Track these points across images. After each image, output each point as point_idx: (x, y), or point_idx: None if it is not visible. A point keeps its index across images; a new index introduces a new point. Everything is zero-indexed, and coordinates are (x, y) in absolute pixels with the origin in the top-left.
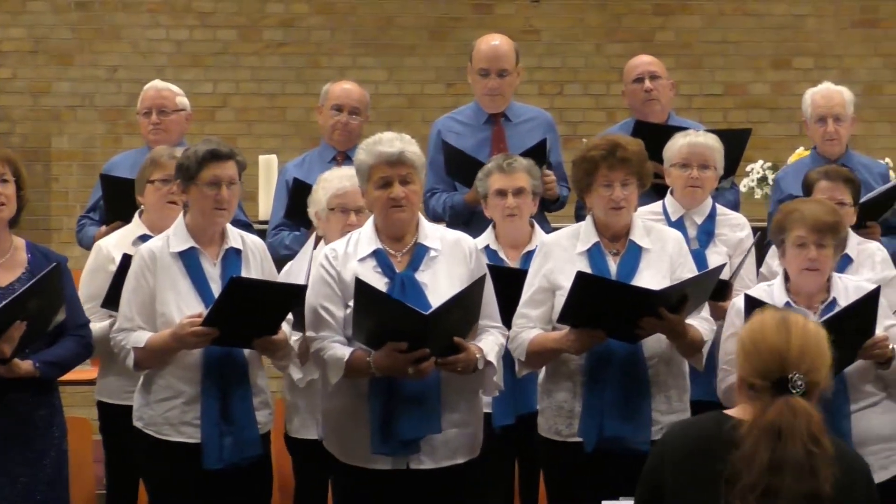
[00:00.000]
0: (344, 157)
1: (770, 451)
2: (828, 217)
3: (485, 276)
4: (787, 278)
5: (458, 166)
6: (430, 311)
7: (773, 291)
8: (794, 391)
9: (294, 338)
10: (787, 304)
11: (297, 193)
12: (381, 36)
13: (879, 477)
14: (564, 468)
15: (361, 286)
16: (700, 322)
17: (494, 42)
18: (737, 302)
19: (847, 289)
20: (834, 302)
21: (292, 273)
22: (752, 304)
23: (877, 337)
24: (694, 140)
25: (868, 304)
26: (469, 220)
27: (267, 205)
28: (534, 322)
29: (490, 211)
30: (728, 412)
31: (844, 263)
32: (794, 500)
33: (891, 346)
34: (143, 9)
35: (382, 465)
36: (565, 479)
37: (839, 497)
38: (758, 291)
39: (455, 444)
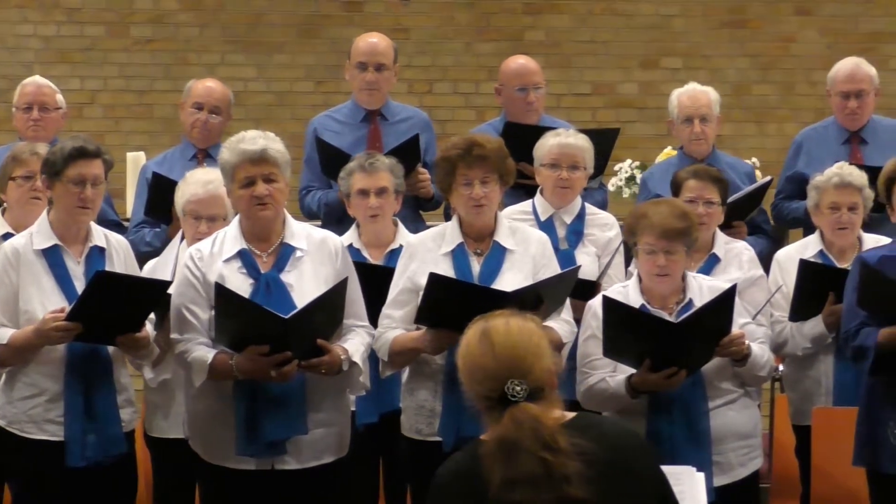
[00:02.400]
0: (204, 156)
1: (503, 468)
2: (676, 223)
3: (347, 278)
4: (641, 279)
5: (334, 163)
6: (290, 314)
7: (628, 293)
8: (514, 398)
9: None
10: (643, 305)
11: (156, 189)
12: (251, 33)
13: (739, 474)
14: (426, 467)
15: (221, 290)
16: (560, 324)
17: (373, 38)
18: (593, 303)
19: (702, 288)
20: (690, 302)
21: (157, 270)
22: (609, 305)
23: (733, 335)
24: (564, 140)
25: (724, 303)
26: (343, 217)
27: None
28: (397, 322)
29: (353, 210)
30: (484, 437)
31: (712, 263)
32: None
33: (747, 344)
34: (11, 4)
35: (247, 466)
36: (426, 477)
37: (602, 487)
38: (614, 292)
39: (321, 444)
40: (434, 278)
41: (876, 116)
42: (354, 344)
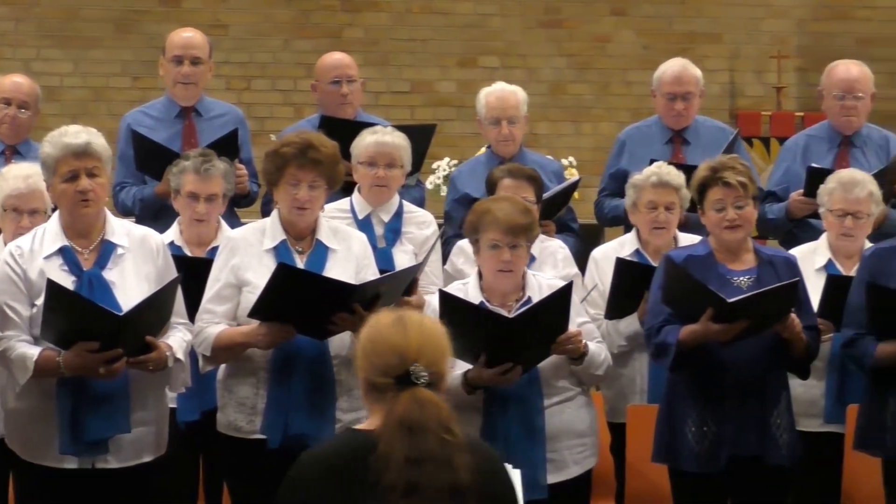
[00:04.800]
0: (13, 152)
1: (406, 447)
2: (521, 218)
3: (179, 276)
4: (481, 276)
5: (150, 158)
6: (126, 311)
7: (468, 289)
8: (418, 382)
9: None
10: (482, 302)
11: None
12: (66, 28)
13: (573, 472)
14: (245, 465)
15: (53, 286)
16: None
17: (188, 33)
18: (432, 301)
19: (541, 286)
20: (529, 300)
21: None
22: (446, 301)
23: (570, 332)
24: (381, 139)
25: (560, 300)
26: (159, 212)
27: None
28: (219, 318)
29: (179, 207)
30: (358, 427)
31: (528, 262)
32: (435, 493)
33: (584, 342)
34: None
35: (68, 465)
36: (246, 476)
37: (479, 485)
38: (453, 289)
39: (141, 442)
40: (282, 268)
41: (699, 117)
42: (176, 340)
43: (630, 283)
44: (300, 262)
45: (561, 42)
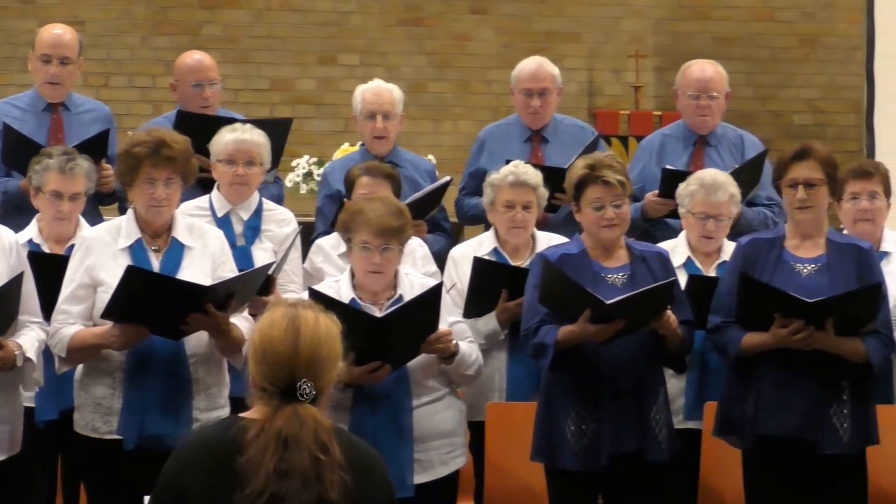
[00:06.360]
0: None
1: (277, 459)
2: (393, 221)
3: (23, 273)
4: (353, 275)
5: (18, 152)
6: None
7: (340, 287)
8: (302, 399)
9: None
10: (353, 300)
11: None
12: None
13: (440, 472)
14: (102, 466)
15: None
16: (241, 321)
17: (58, 30)
18: (300, 298)
19: (413, 285)
20: (400, 298)
21: None
22: (317, 300)
23: (440, 331)
24: (240, 137)
25: (430, 299)
26: (22, 206)
27: None
28: (74, 318)
29: (39, 204)
30: (243, 415)
31: None
32: None
33: (454, 342)
34: None
35: None
36: (103, 476)
37: (350, 501)
38: (325, 286)
39: None
40: (132, 271)
41: (558, 116)
42: (29, 339)
43: (488, 281)
44: (155, 261)
45: (421, 40)
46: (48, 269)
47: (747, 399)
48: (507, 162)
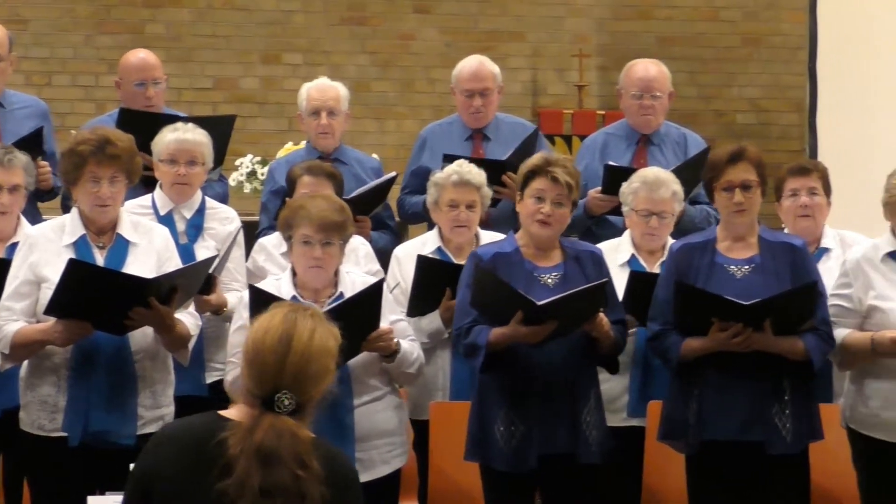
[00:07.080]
0: None
1: (260, 477)
2: (334, 216)
3: None
4: (294, 272)
5: None
6: None
7: (280, 285)
8: (278, 411)
9: None
10: (294, 297)
11: None
12: None
13: (381, 471)
14: (48, 464)
15: None
16: (186, 317)
17: None
18: (244, 295)
19: (354, 283)
20: (341, 296)
21: None
22: (256, 297)
23: (381, 329)
24: (182, 136)
25: (371, 297)
26: None
27: None
28: (18, 315)
29: None
30: (224, 413)
31: None
32: None
33: (395, 340)
34: None
35: None
36: (49, 475)
37: None
38: (266, 284)
39: None
40: (74, 264)
41: (499, 114)
42: None
43: (432, 280)
44: (100, 257)
45: (364, 39)
46: None
47: (690, 405)
48: (446, 156)
